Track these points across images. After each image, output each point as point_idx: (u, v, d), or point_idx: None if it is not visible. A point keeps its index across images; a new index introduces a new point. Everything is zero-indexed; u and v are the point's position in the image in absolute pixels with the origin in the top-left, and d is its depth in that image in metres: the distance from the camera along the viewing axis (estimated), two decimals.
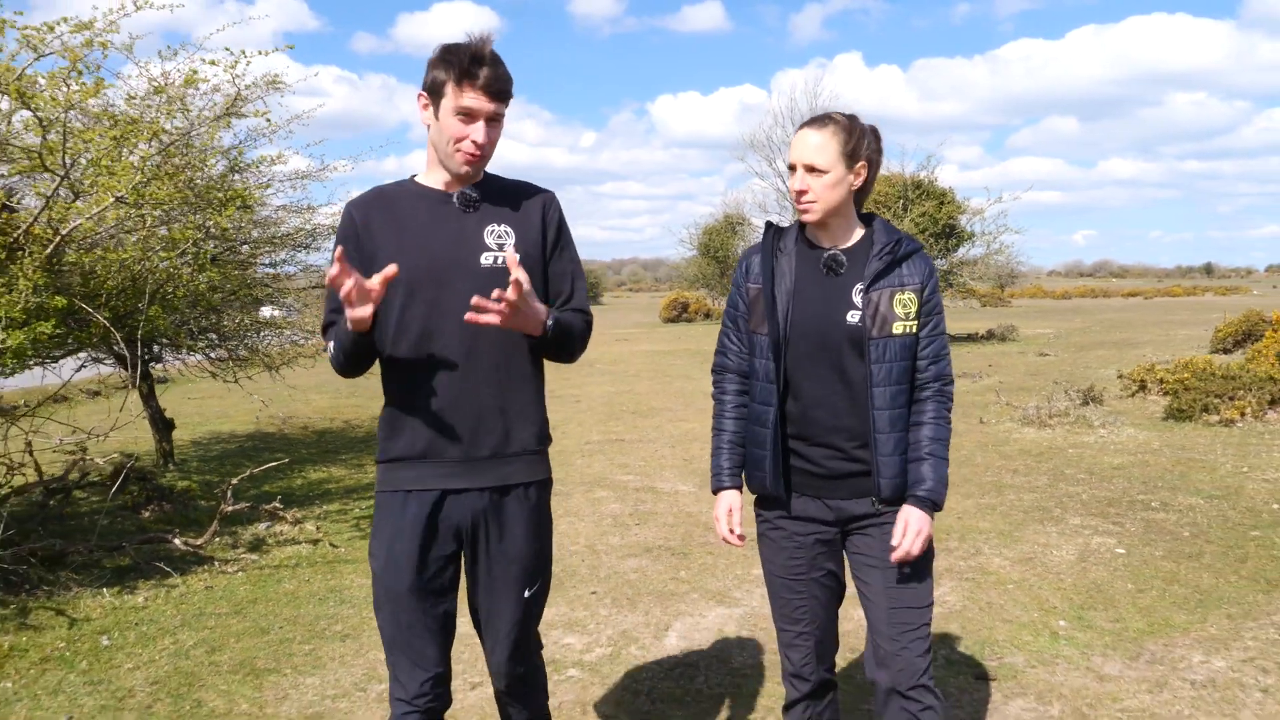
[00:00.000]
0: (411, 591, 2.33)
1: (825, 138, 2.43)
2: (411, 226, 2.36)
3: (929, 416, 2.50)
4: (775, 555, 2.62)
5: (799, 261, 2.54)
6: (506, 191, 2.44)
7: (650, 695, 3.70)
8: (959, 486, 7.02)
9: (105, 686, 3.93)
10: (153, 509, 6.74)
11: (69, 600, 4.96)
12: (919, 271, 2.49)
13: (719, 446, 2.69)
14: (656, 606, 4.69)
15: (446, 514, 2.35)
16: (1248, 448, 8.21)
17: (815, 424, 2.50)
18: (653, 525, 6.29)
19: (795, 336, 2.49)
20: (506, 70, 2.30)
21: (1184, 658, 3.85)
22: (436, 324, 2.31)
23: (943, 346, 2.53)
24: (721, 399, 2.71)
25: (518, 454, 2.40)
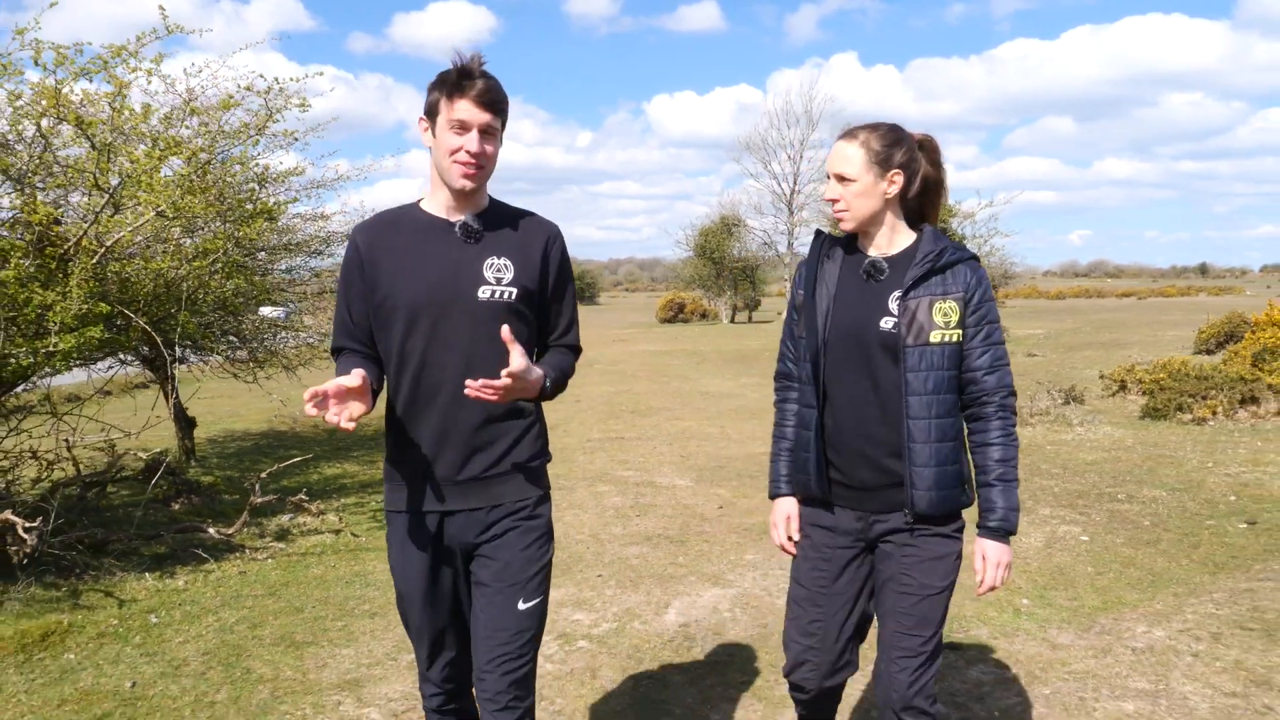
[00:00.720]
0: (424, 598, 2.48)
1: (855, 148, 2.47)
2: (412, 256, 2.39)
3: (996, 436, 2.46)
4: (801, 563, 2.65)
5: (843, 268, 2.57)
6: (510, 222, 2.47)
7: (652, 663, 4.13)
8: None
9: (160, 657, 4.36)
10: (182, 502, 7.17)
11: (115, 584, 5.38)
12: (963, 281, 2.45)
13: (778, 453, 2.72)
14: (657, 587, 5.13)
15: (446, 532, 2.45)
16: (1216, 445, 8.66)
17: (845, 432, 2.51)
18: (652, 516, 6.72)
19: (832, 341, 2.51)
20: (498, 84, 2.34)
21: (1129, 629, 4.29)
22: (436, 354, 2.38)
23: (999, 356, 2.48)
24: (783, 407, 2.74)
25: (510, 473, 2.45)
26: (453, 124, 2.31)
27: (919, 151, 2.55)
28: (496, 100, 2.32)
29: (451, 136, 2.31)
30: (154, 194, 5.51)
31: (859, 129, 2.51)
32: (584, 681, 3.96)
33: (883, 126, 2.50)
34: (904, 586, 2.48)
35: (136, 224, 5.64)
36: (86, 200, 6.39)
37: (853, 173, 2.47)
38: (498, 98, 2.33)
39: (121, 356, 7.98)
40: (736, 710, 3.64)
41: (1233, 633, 4.16)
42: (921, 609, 2.46)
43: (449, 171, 2.35)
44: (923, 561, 2.47)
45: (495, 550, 2.44)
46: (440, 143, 2.34)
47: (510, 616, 2.43)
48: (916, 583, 2.47)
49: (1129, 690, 3.66)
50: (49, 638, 4.58)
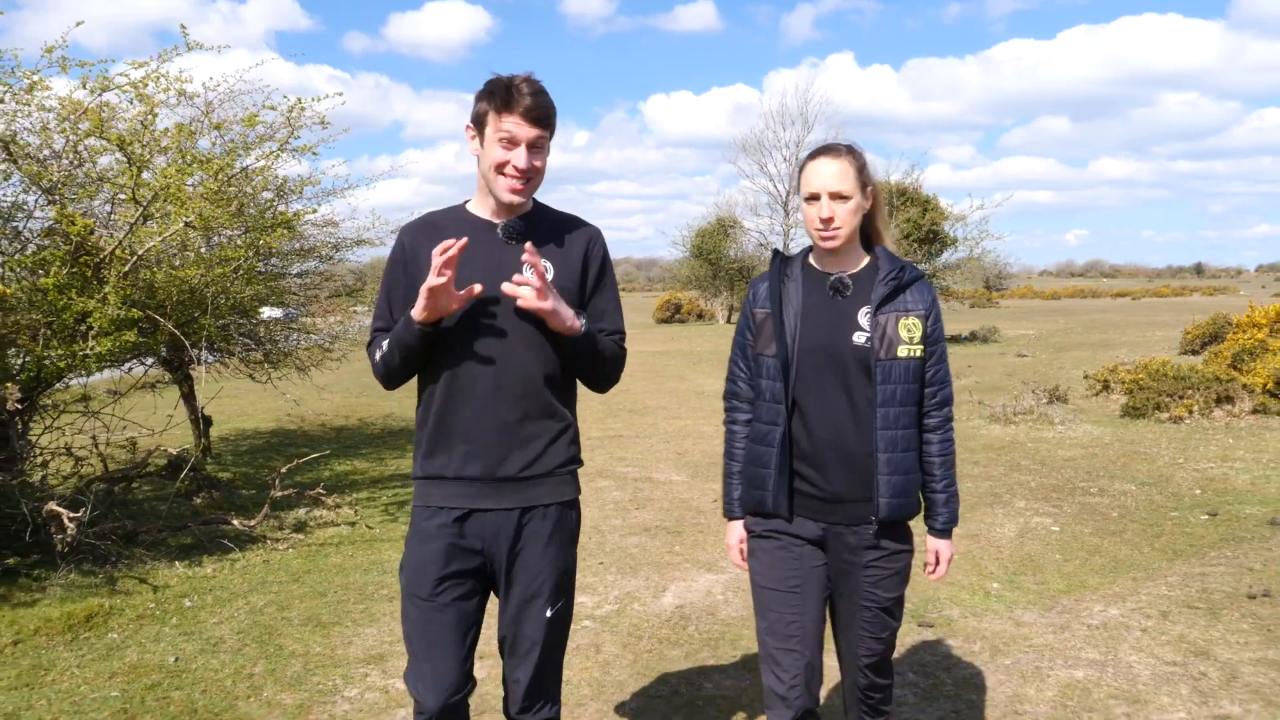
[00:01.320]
0: (432, 598, 2.42)
1: (844, 165, 2.50)
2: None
3: (937, 449, 2.63)
4: (769, 567, 2.63)
5: (805, 285, 2.60)
6: (553, 224, 2.51)
7: (650, 639, 4.51)
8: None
9: (197, 636, 4.73)
10: (204, 496, 7.54)
11: (147, 571, 5.76)
12: (923, 299, 2.57)
13: (730, 475, 2.76)
14: (655, 573, 5.51)
15: (472, 530, 2.44)
16: (1189, 442, 9.06)
17: (820, 444, 2.55)
18: (650, 509, 7.11)
19: (802, 357, 2.54)
20: (549, 99, 2.36)
21: (1088, 609, 4.68)
22: (473, 352, 2.40)
23: (947, 373, 2.64)
24: (733, 428, 2.76)
25: (544, 475, 2.46)
26: (501, 138, 2.32)
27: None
28: (546, 115, 2.34)
29: (499, 150, 2.33)
30: (182, 206, 5.89)
31: (839, 146, 2.55)
32: (589, 656, 4.34)
33: (852, 144, 2.57)
34: (867, 599, 2.58)
35: (165, 234, 6.01)
36: (114, 210, 6.78)
37: (849, 189, 2.49)
38: (547, 112, 2.34)
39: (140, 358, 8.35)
40: (727, 679, 4.03)
41: (1180, 611, 4.55)
42: (883, 617, 2.60)
43: (495, 184, 2.38)
44: (886, 578, 2.58)
45: (526, 556, 2.45)
46: (487, 155, 2.36)
47: (536, 626, 2.46)
48: (879, 597, 2.58)
49: (1081, 660, 4.05)
50: (93, 619, 4.95)
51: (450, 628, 2.43)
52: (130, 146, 5.38)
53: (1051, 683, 3.85)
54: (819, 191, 2.50)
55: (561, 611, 2.53)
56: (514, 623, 2.48)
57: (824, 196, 2.49)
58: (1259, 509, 6.45)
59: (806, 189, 2.53)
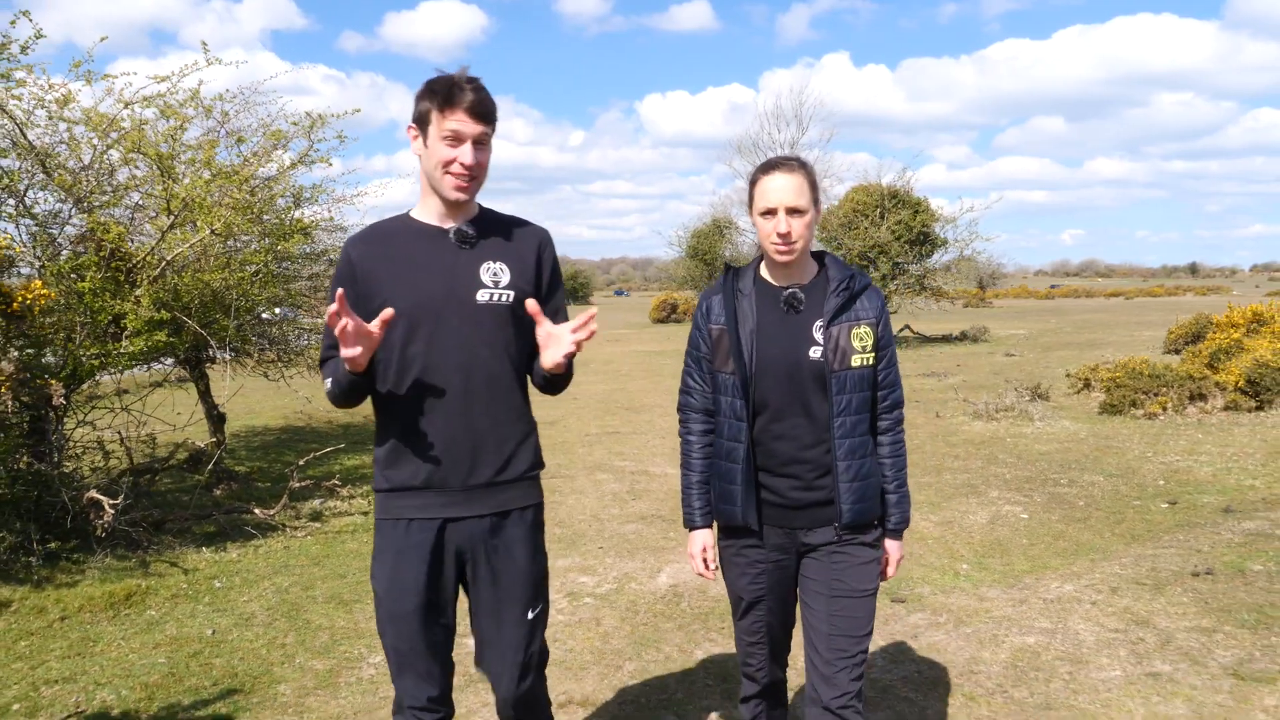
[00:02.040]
0: (416, 613, 2.43)
1: (799, 179, 2.52)
2: (408, 264, 2.41)
3: (888, 451, 2.70)
4: (738, 579, 2.76)
5: (759, 301, 2.63)
6: (502, 228, 2.52)
7: (646, 613, 4.94)
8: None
9: (230, 612, 5.15)
10: (223, 488, 7.97)
11: (177, 556, 6.17)
12: (873, 306, 2.61)
13: (689, 486, 2.80)
14: (650, 557, 5.93)
15: (448, 540, 2.45)
16: (1161, 437, 9.50)
17: (779, 456, 2.61)
18: (646, 500, 7.53)
19: (761, 374, 2.59)
20: (489, 95, 2.37)
21: (1046, 585, 5.12)
22: (436, 359, 2.40)
23: (897, 376, 2.71)
24: (689, 439, 2.80)
25: (515, 480, 2.50)
26: (445, 136, 2.33)
27: None
28: (489, 111, 2.36)
29: (445, 148, 2.34)
30: (210, 215, 6.31)
31: (791, 160, 2.56)
32: (590, 628, 4.76)
33: (801, 158, 2.59)
34: (836, 590, 2.63)
35: (192, 241, 6.43)
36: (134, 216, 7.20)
37: (804, 204, 2.52)
38: (490, 108, 2.36)
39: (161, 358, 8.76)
40: (716, 647, 4.45)
41: (1129, 587, 4.99)
42: (855, 610, 2.63)
43: (442, 182, 2.37)
44: (853, 567, 2.64)
45: (502, 560, 2.49)
46: (432, 153, 2.36)
47: (519, 631, 2.50)
48: (849, 587, 2.63)
49: (1034, 628, 4.49)
50: (131, 598, 5.37)
51: (430, 639, 2.46)
52: (167, 161, 5.78)
53: (1006, 647, 4.29)
54: (775, 206, 2.51)
55: (540, 615, 2.56)
56: (494, 626, 2.50)
57: (780, 211, 2.51)
58: (1216, 498, 6.89)
59: (762, 204, 2.54)
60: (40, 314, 5.45)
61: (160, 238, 6.18)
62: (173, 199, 5.96)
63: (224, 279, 6.97)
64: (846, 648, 2.61)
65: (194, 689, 4.12)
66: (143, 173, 6.93)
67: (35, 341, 5.74)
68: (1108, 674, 3.95)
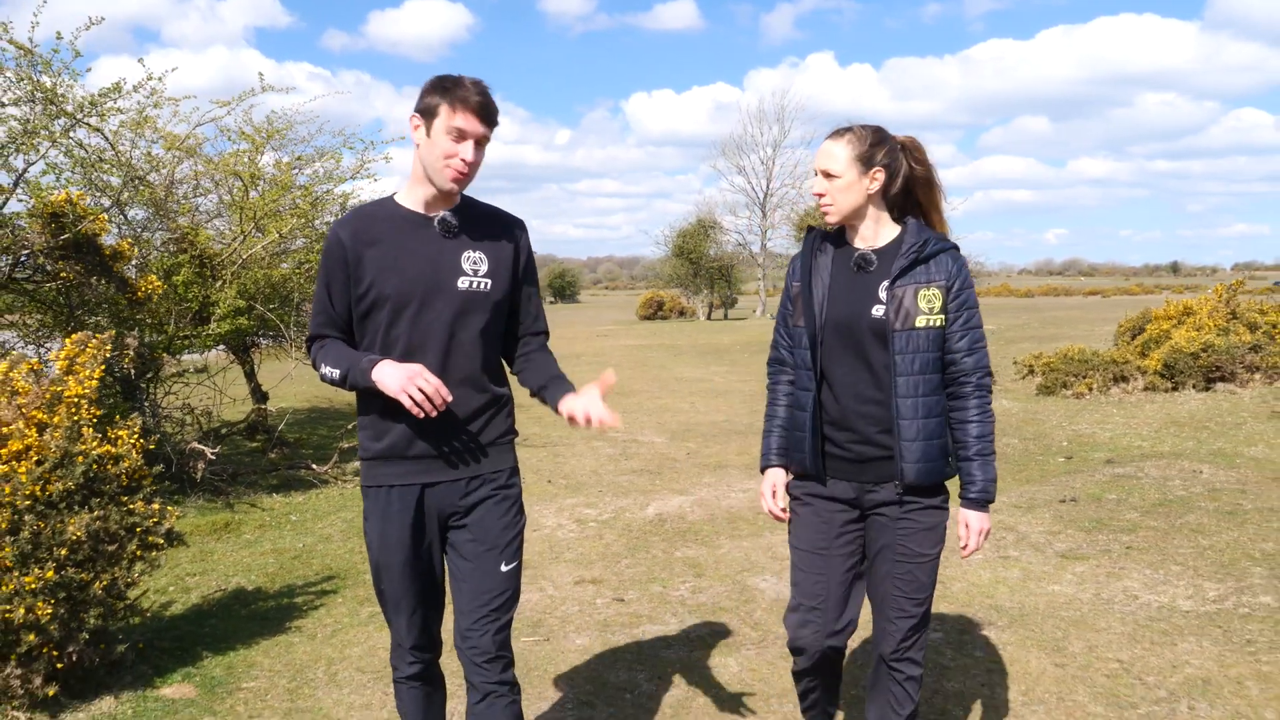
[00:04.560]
0: (404, 565, 2.61)
1: (840, 146, 2.65)
2: (396, 249, 2.53)
3: (974, 414, 2.67)
4: (803, 530, 2.81)
5: (835, 261, 2.76)
6: (483, 218, 2.65)
7: (638, 531, 6.38)
8: None
9: (311, 534, 6.57)
10: (277, 451, 9.38)
11: (254, 499, 7.59)
12: (945, 269, 2.65)
13: (769, 430, 2.90)
14: (640, 495, 7.38)
15: (428, 503, 2.61)
16: (1081, 412, 11.00)
17: (844, 411, 2.70)
18: (637, 459, 8.98)
19: (828, 329, 2.69)
20: (494, 101, 2.51)
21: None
22: (419, 340, 2.54)
23: (978, 339, 2.67)
24: (774, 389, 2.91)
25: (487, 445, 2.65)
26: (451, 131, 2.44)
27: (902, 153, 2.73)
28: (494, 116, 2.50)
29: (448, 142, 2.45)
30: (279, 221, 7.73)
31: (846, 129, 2.69)
32: (595, 540, 6.20)
33: (869, 128, 2.68)
34: (900, 555, 2.69)
35: (264, 243, 7.85)
36: (206, 221, 8.61)
37: (837, 169, 2.64)
38: (495, 113, 2.50)
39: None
40: (691, 550, 5.89)
41: (1008, 509, 6.47)
42: (916, 574, 2.68)
43: (440, 173, 2.48)
44: (916, 532, 2.68)
45: (476, 518, 2.63)
46: (435, 145, 2.46)
47: (494, 579, 2.62)
48: (912, 551, 2.68)
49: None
50: (228, 527, 6.79)
51: (420, 587, 2.65)
52: (255, 180, 7.21)
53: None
54: (816, 169, 2.71)
55: (515, 570, 2.68)
56: (473, 574, 2.63)
57: (819, 173, 2.70)
58: (1106, 454, 8.38)
59: (814, 164, 2.75)
60: (157, 301, 6.85)
61: (242, 239, 7.59)
62: (254, 209, 7.37)
63: (284, 274, 8.38)
64: (906, 608, 2.70)
65: (301, 576, 5.55)
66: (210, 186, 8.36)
67: (149, 323, 7.14)
68: (973, 557, 5.43)
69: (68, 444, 3.80)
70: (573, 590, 5.16)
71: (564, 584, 5.26)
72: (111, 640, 3.97)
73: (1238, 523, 5.93)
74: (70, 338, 4.14)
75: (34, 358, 6.41)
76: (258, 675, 4.10)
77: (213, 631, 4.63)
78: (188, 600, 5.14)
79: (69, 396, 3.93)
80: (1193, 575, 5.03)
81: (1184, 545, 5.54)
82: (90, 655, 3.80)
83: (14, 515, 3.59)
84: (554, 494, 7.54)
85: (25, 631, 3.54)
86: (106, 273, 6.40)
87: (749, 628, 4.53)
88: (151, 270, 7.41)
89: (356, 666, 4.18)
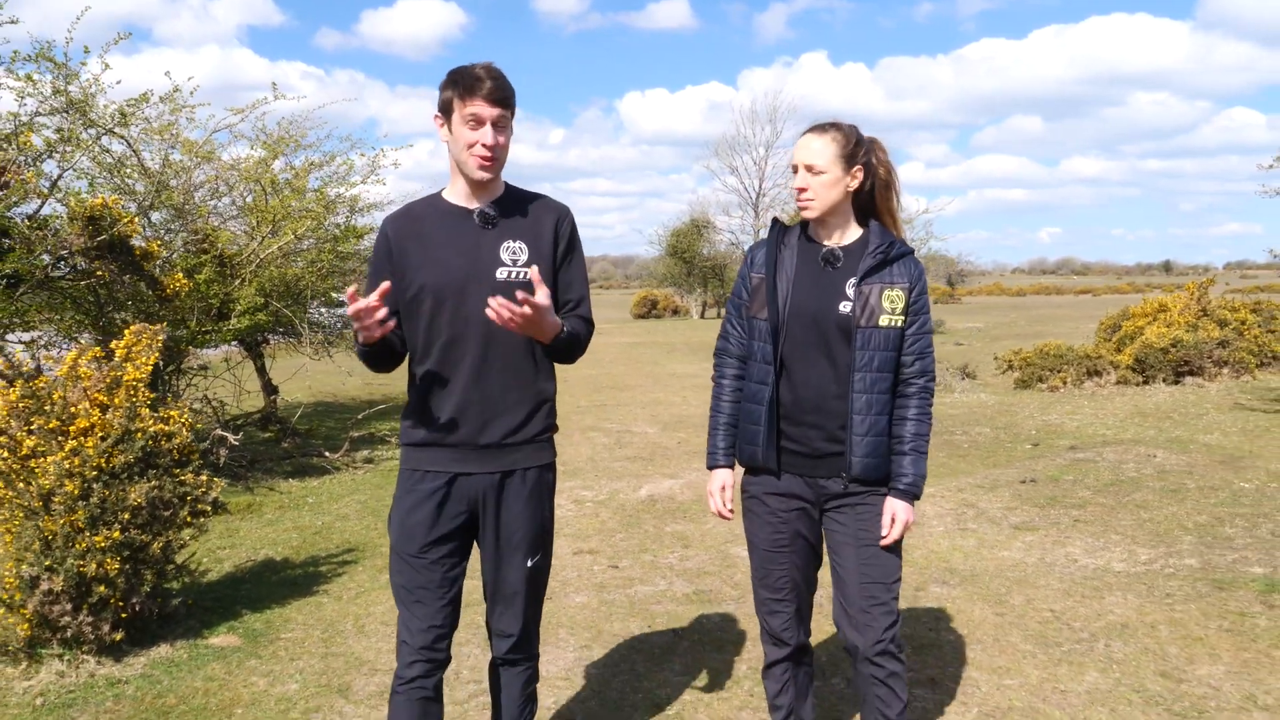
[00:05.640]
0: (421, 555, 2.62)
1: (825, 142, 2.67)
2: (435, 243, 2.59)
3: (913, 413, 2.72)
4: (759, 528, 2.82)
5: (800, 255, 2.76)
6: (523, 206, 2.67)
7: (630, 511, 6.92)
8: None
9: (328, 514, 7.09)
10: (289, 441, 9.90)
11: (271, 484, 8.11)
12: (908, 273, 2.69)
13: (716, 427, 2.89)
14: (633, 479, 7.92)
15: (457, 492, 2.63)
16: (1053, 404, 11.56)
17: (803, 405, 2.70)
18: (630, 448, 9.52)
19: (791, 322, 2.70)
20: (507, 81, 2.54)
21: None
22: (460, 330, 2.58)
23: (928, 344, 2.73)
24: (721, 382, 2.91)
25: (524, 442, 2.66)
26: (467, 120, 2.49)
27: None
28: (506, 96, 2.53)
29: (467, 131, 2.50)
30: (295, 223, 8.25)
31: (828, 125, 2.71)
32: (591, 518, 6.73)
33: (847, 125, 2.71)
34: (863, 539, 2.69)
35: (280, 243, 8.37)
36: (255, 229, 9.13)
37: (822, 164, 2.66)
38: (507, 93, 2.53)
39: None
40: (679, 526, 6.43)
41: (971, 488, 7.02)
42: (883, 559, 2.69)
43: (467, 164, 2.54)
44: (877, 515, 2.70)
45: (505, 513, 2.66)
46: (457, 137, 2.53)
47: (517, 575, 2.69)
48: (875, 534, 2.69)
49: None
50: (251, 508, 7.31)
51: (435, 580, 2.63)
52: (276, 186, 7.73)
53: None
54: (797, 164, 2.72)
55: (540, 564, 2.74)
56: (495, 570, 2.69)
57: (800, 168, 2.70)
58: (1070, 441, 8.94)
59: (792, 161, 2.75)
60: (184, 298, 7.37)
61: (260, 241, 8.11)
62: (272, 213, 7.90)
63: (298, 273, 8.91)
64: (878, 594, 2.68)
65: (323, 549, 6.07)
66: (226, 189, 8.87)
67: (175, 319, 7.66)
68: (934, 529, 5.98)
69: (127, 422, 4.33)
70: (572, 559, 5.69)
71: (564, 554, 5.79)
72: (167, 595, 4.50)
73: (1179, 499, 6.48)
74: (129, 329, 4.66)
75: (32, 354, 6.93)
76: (293, 628, 4.62)
77: (248, 594, 5.15)
78: (221, 569, 5.66)
79: (128, 380, 4.46)
80: (1129, 543, 5.58)
81: (1127, 518, 6.10)
82: (150, 607, 4.34)
83: (84, 484, 4.12)
84: None
85: (96, 584, 4.07)
86: (138, 271, 6.91)
87: (730, 587, 5.07)
88: (177, 269, 7.92)
89: (381, 620, 4.71)
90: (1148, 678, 3.79)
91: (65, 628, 4.09)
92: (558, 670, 4.07)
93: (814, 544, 2.82)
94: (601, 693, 3.85)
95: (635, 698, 3.79)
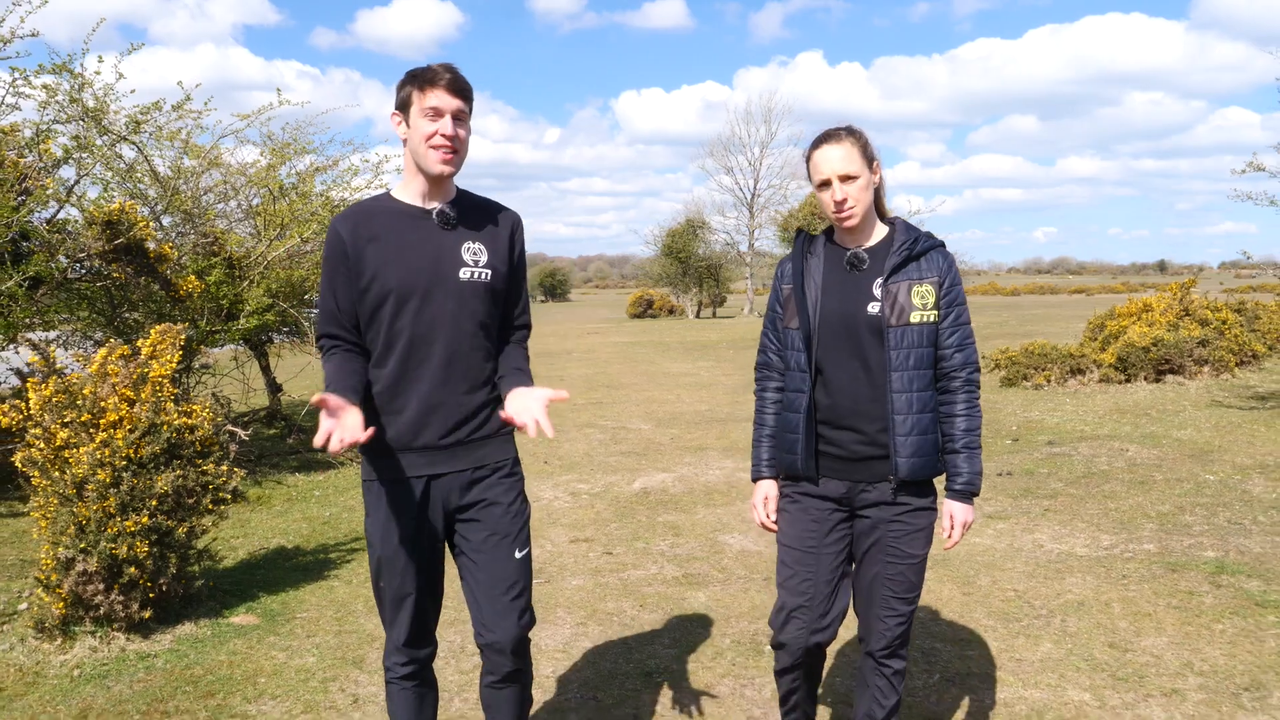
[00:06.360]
0: (407, 563, 2.62)
1: (846, 148, 2.64)
2: (395, 243, 2.54)
3: (961, 408, 2.68)
4: (791, 526, 2.80)
5: (826, 261, 2.75)
6: (478, 210, 2.68)
7: (624, 503, 7.24)
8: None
9: (335, 506, 7.41)
10: (294, 437, 10.21)
11: (278, 477, 8.42)
12: (936, 266, 2.66)
13: (759, 439, 2.89)
14: (627, 473, 8.24)
15: (433, 495, 2.61)
16: (1036, 401, 11.90)
17: (840, 409, 2.68)
18: (625, 444, 9.84)
19: (823, 328, 2.68)
20: (463, 76, 2.52)
21: None
22: (422, 331, 2.55)
23: (967, 335, 2.68)
24: (763, 395, 2.91)
25: (490, 436, 2.67)
26: (426, 112, 2.48)
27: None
28: (464, 87, 2.52)
29: (426, 124, 2.48)
30: (301, 226, 8.56)
31: (842, 131, 2.69)
32: (587, 509, 7.06)
33: (850, 126, 2.71)
34: (891, 556, 2.70)
35: (287, 246, 8.69)
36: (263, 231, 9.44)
37: (855, 169, 2.63)
38: (464, 85, 2.52)
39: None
40: (671, 516, 6.76)
41: None
42: (907, 575, 2.71)
43: (426, 158, 2.51)
44: (908, 534, 2.69)
45: (484, 508, 2.65)
46: (415, 131, 2.50)
47: (510, 566, 2.65)
48: (903, 552, 2.70)
49: None
50: (259, 500, 7.63)
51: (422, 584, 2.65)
52: (283, 190, 8.04)
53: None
54: (829, 177, 2.65)
55: (527, 557, 2.71)
56: (488, 566, 2.64)
57: (834, 181, 2.64)
58: (1049, 436, 9.27)
59: (817, 177, 2.69)
60: (196, 299, 7.68)
61: (268, 244, 8.43)
62: (280, 216, 8.21)
63: (303, 275, 9.22)
64: (896, 607, 2.74)
65: (332, 538, 6.39)
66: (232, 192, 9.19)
67: (187, 319, 7.97)
68: None
69: (154, 416, 4.65)
70: (568, 547, 6.01)
71: (560, 542, 6.11)
72: (190, 578, 4.82)
73: (1145, 490, 6.83)
74: (155, 328, 4.97)
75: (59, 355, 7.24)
76: (308, 609, 4.94)
77: (263, 579, 5.47)
78: (236, 557, 5.98)
79: (153, 377, 4.78)
80: (1094, 530, 5.92)
81: (1094, 508, 6.43)
82: (175, 588, 4.66)
83: (114, 473, 4.44)
84: (550, 473, 8.39)
85: (127, 565, 4.38)
86: (152, 273, 7.23)
87: (717, 571, 5.40)
88: (189, 271, 8.23)
89: None
90: (1097, 648, 4.13)
91: (98, 606, 4.41)
92: (556, 644, 4.40)
93: (845, 549, 2.79)
94: (596, 663, 4.17)
95: (627, 668, 4.11)
